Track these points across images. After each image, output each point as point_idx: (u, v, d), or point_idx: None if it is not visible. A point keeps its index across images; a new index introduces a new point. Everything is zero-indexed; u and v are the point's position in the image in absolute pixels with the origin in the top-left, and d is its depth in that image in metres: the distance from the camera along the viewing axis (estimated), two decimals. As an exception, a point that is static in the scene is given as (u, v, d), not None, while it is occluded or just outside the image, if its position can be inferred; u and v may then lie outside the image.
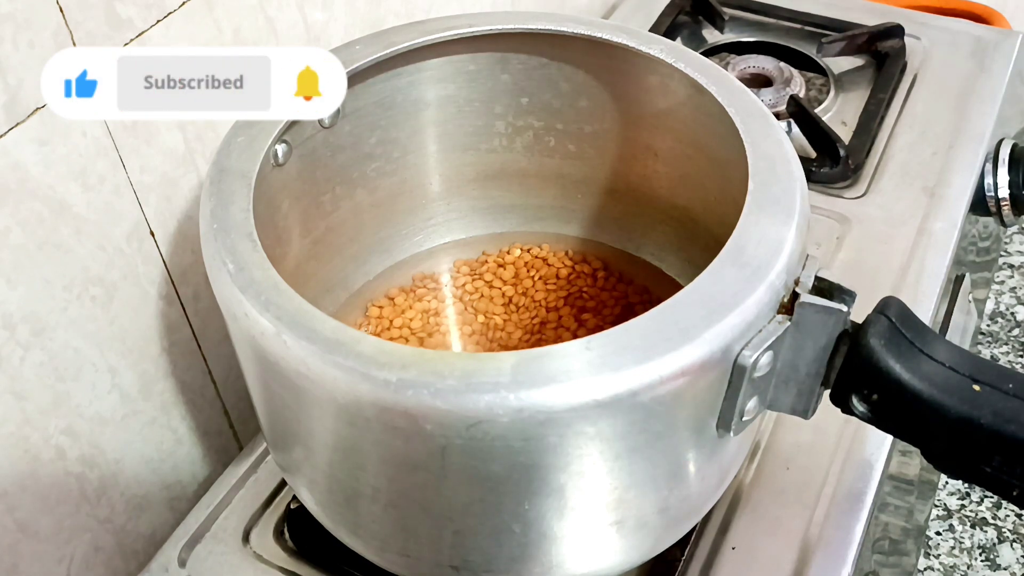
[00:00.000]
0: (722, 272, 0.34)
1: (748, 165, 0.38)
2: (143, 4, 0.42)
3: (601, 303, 0.52)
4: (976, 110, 0.67)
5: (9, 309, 0.40)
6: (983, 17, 0.93)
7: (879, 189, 0.62)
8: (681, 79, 0.43)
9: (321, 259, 0.49)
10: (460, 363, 0.32)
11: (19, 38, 0.37)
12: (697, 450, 0.37)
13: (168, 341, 0.49)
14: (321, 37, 0.52)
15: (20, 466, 0.42)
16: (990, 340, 1.02)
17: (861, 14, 0.75)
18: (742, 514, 0.46)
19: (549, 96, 0.49)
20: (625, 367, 0.31)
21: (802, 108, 0.65)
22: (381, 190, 0.50)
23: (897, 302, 0.36)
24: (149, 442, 0.50)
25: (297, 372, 0.33)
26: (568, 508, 0.36)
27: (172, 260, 0.48)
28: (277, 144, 0.41)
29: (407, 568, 0.41)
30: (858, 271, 0.57)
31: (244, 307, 0.34)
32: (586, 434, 0.33)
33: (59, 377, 0.43)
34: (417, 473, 0.35)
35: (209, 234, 0.36)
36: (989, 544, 0.87)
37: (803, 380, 0.37)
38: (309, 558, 0.46)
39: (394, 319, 0.51)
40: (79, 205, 0.42)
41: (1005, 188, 0.65)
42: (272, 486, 0.49)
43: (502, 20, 0.45)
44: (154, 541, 0.51)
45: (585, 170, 0.52)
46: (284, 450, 0.41)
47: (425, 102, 0.48)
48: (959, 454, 0.35)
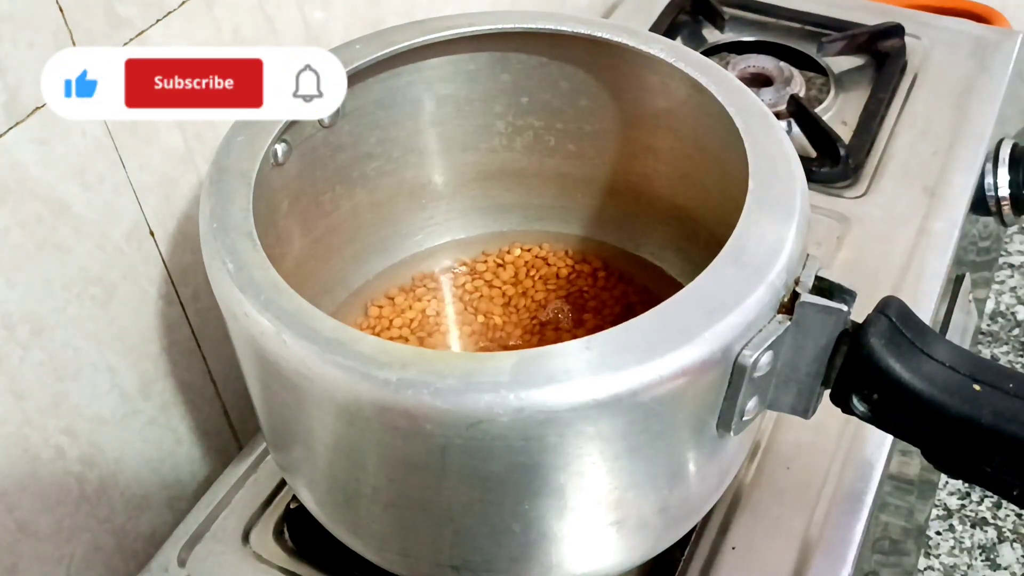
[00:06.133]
0: (722, 272, 0.34)
1: (748, 165, 0.38)
2: (143, 3, 0.42)
3: (601, 303, 0.52)
4: (976, 110, 0.67)
5: (9, 309, 0.40)
6: (983, 17, 0.93)
7: (879, 189, 0.62)
8: (681, 78, 0.43)
9: (321, 259, 0.49)
10: (460, 363, 0.32)
11: (19, 38, 0.37)
12: (697, 450, 0.37)
13: (168, 341, 0.49)
14: (321, 36, 0.52)
15: (20, 466, 0.42)
16: (990, 340, 1.02)
17: (861, 13, 0.75)
18: (742, 514, 0.46)
19: (549, 95, 0.49)
20: (625, 367, 0.31)
21: (802, 108, 0.65)
22: (381, 190, 0.50)
23: (897, 302, 0.36)
24: (149, 442, 0.50)
25: (297, 372, 0.33)
26: (568, 508, 0.36)
27: (172, 260, 0.47)
28: (277, 144, 0.41)
29: (407, 568, 0.41)
30: (858, 271, 0.57)
31: (244, 307, 0.34)
32: (586, 434, 0.33)
33: (59, 377, 0.43)
34: (417, 473, 0.35)
35: (209, 234, 0.36)
36: (989, 544, 0.87)
37: (803, 380, 0.37)
38: (309, 558, 0.46)
39: (394, 319, 0.51)
40: (79, 205, 0.42)
41: (1005, 188, 0.65)
42: (272, 486, 0.49)
43: (502, 19, 0.45)
44: (154, 541, 0.51)
45: (585, 170, 0.52)
46: (284, 450, 0.41)
47: (425, 102, 0.48)
48: (959, 454, 0.35)
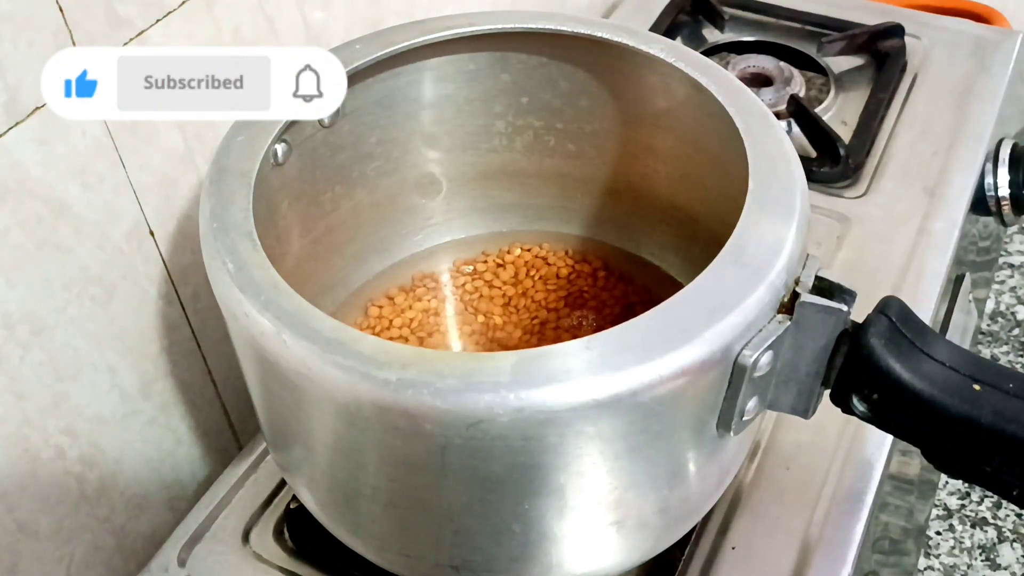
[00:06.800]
0: (722, 272, 0.34)
1: (748, 164, 0.38)
2: (143, 3, 0.42)
3: (601, 303, 0.52)
4: (976, 110, 0.67)
5: (9, 309, 0.40)
6: (983, 17, 0.93)
7: (879, 189, 0.62)
8: (681, 78, 0.43)
9: (321, 258, 0.49)
10: (460, 363, 0.32)
11: (19, 37, 0.37)
12: (697, 450, 0.37)
13: (168, 341, 0.49)
14: (321, 36, 0.52)
15: (20, 466, 0.42)
16: (990, 340, 1.02)
17: (861, 13, 0.75)
18: (742, 514, 0.46)
19: (549, 95, 0.49)
20: (625, 367, 0.31)
21: (802, 108, 0.65)
22: (381, 190, 0.50)
23: (897, 302, 0.36)
24: (149, 442, 0.50)
25: (297, 372, 0.33)
26: (568, 508, 0.36)
27: (172, 260, 0.47)
28: (277, 144, 0.41)
29: (407, 568, 0.41)
30: (858, 271, 0.57)
31: (244, 307, 0.34)
32: (586, 434, 0.33)
33: (59, 377, 0.43)
34: (417, 473, 0.35)
35: (209, 234, 0.36)
36: (989, 544, 0.87)
37: (803, 380, 0.37)
38: (309, 558, 0.46)
39: (394, 319, 0.51)
40: (78, 205, 0.42)
41: (1005, 187, 0.65)
42: (272, 486, 0.49)
43: (502, 19, 0.45)
44: (154, 541, 0.51)
45: (585, 169, 0.52)
46: (284, 450, 0.41)
47: (425, 102, 0.48)
48: (959, 454, 0.35)
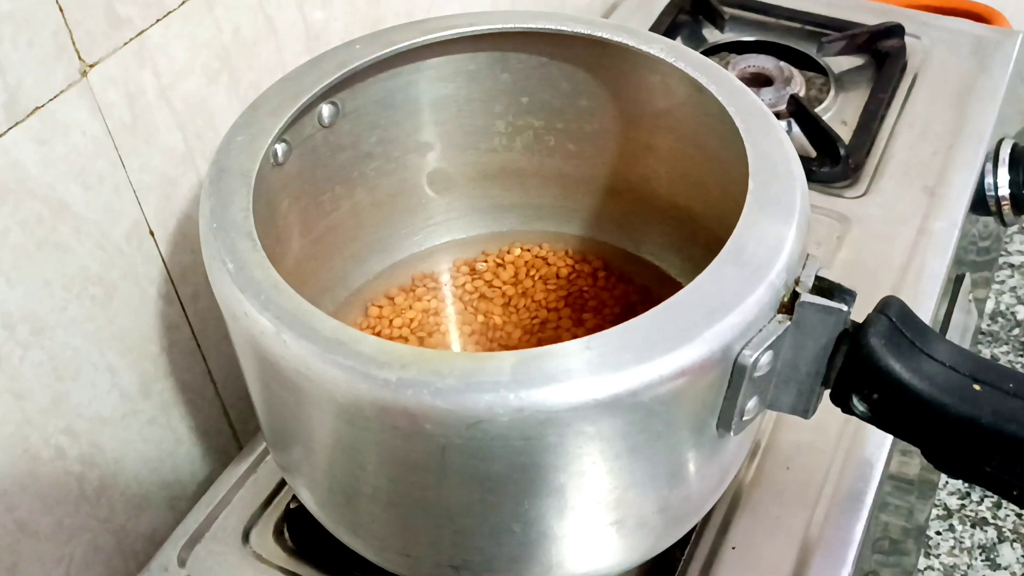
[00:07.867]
0: (722, 271, 0.34)
1: (748, 164, 0.38)
2: (143, 3, 0.42)
3: (601, 303, 0.52)
4: (976, 109, 0.67)
5: (9, 308, 0.40)
6: (983, 17, 0.93)
7: (879, 189, 0.62)
8: (681, 78, 0.43)
9: (321, 258, 0.49)
10: (460, 363, 0.32)
11: (19, 37, 0.37)
12: (697, 450, 0.37)
13: (168, 341, 0.49)
14: (321, 36, 0.52)
15: (20, 466, 0.42)
16: (990, 340, 1.02)
17: (861, 13, 0.75)
18: (742, 514, 0.46)
19: (549, 95, 0.49)
20: (625, 367, 0.31)
21: (802, 107, 0.65)
22: (381, 190, 0.50)
23: (897, 301, 0.36)
24: (149, 442, 0.50)
25: (297, 372, 0.33)
26: (568, 508, 0.36)
27: (172, 260, 0.47)
28: (277, 143, 0.41)
29: (407, 568, 0.41)
30: (858, 271, 0.57)
31: (244, 307, 0.34)
32: (586, 434, 0.33)
33: (58, 377, 0.43)
34: (417, 473, 0.35)
35: (209, 233, 0.36)
36: (989, 544, 0.87)
37: (803, 380, 0.37)
38: (309, 558, 0.46)
39: (394, 319, 0.51)
40: (78, 204, 0.42)
41: (1005, 187, 0.65)
42: (272, 486, 0.49)
43: (502, 19, 0.45)
44: (154, 541, 0.51)
45: (585, 169, 0.52)
46: (284, 450, 0.41)
47: (425, 102, 0.48)
48: (959, 454, 0.35)
